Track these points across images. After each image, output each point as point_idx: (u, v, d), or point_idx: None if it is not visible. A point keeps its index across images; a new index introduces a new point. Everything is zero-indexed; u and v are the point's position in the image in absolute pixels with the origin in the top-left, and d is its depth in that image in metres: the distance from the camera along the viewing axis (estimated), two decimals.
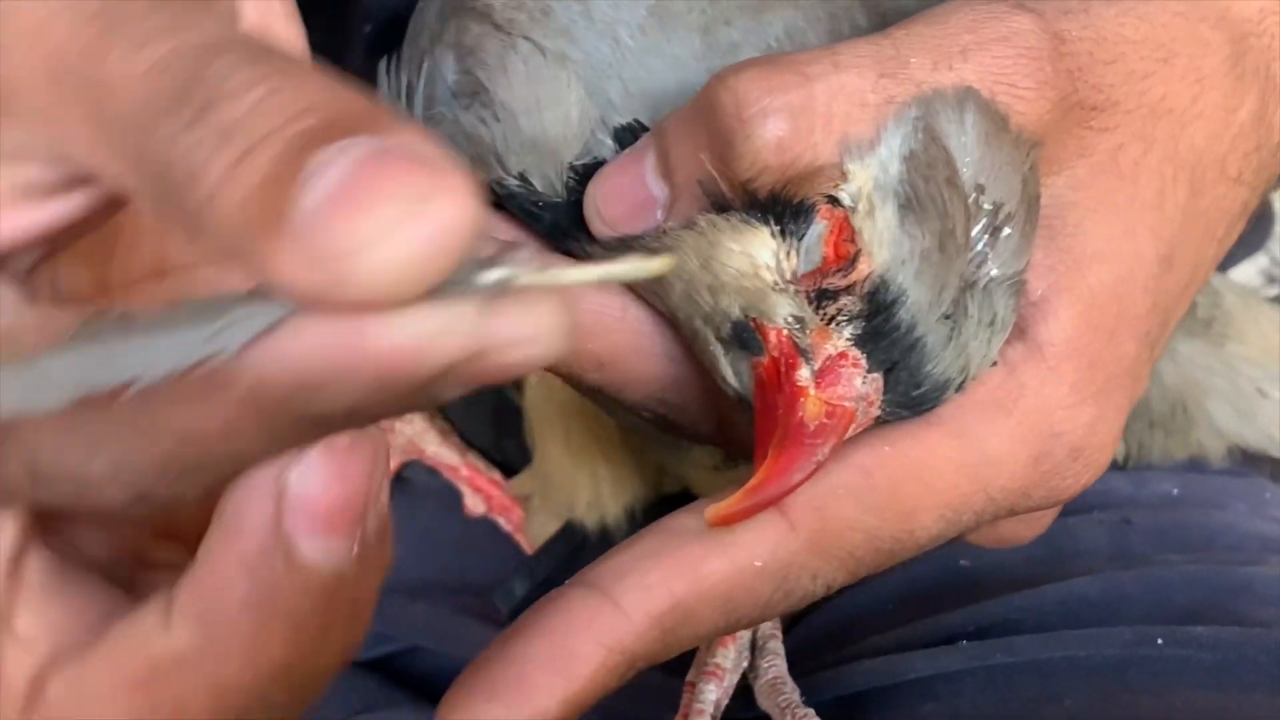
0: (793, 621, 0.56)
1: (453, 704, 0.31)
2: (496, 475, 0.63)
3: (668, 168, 0.35)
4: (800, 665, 0.50)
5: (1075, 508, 0.54)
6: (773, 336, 0.33)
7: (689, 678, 0.49)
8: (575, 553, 0.58)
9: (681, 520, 0.33)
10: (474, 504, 0.65)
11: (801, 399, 0.33)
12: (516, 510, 0.64)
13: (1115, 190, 0.36)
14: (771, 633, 0.50)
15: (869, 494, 0.33)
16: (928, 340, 0.33)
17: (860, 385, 0.33)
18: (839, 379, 0.33)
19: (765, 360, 0.33)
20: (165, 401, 0.22)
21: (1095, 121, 0.36)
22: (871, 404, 0.33)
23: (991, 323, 0.34)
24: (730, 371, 0.34)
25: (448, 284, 0.21)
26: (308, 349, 0.21)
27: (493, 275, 0.22)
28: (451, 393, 0.23)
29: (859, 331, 0.33)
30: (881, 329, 0.33)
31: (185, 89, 0.22)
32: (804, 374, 0.33)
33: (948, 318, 0.33)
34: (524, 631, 0.32)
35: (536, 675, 0.31)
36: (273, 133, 0.22)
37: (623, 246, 0.36)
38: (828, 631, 0.54)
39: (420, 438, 0.63)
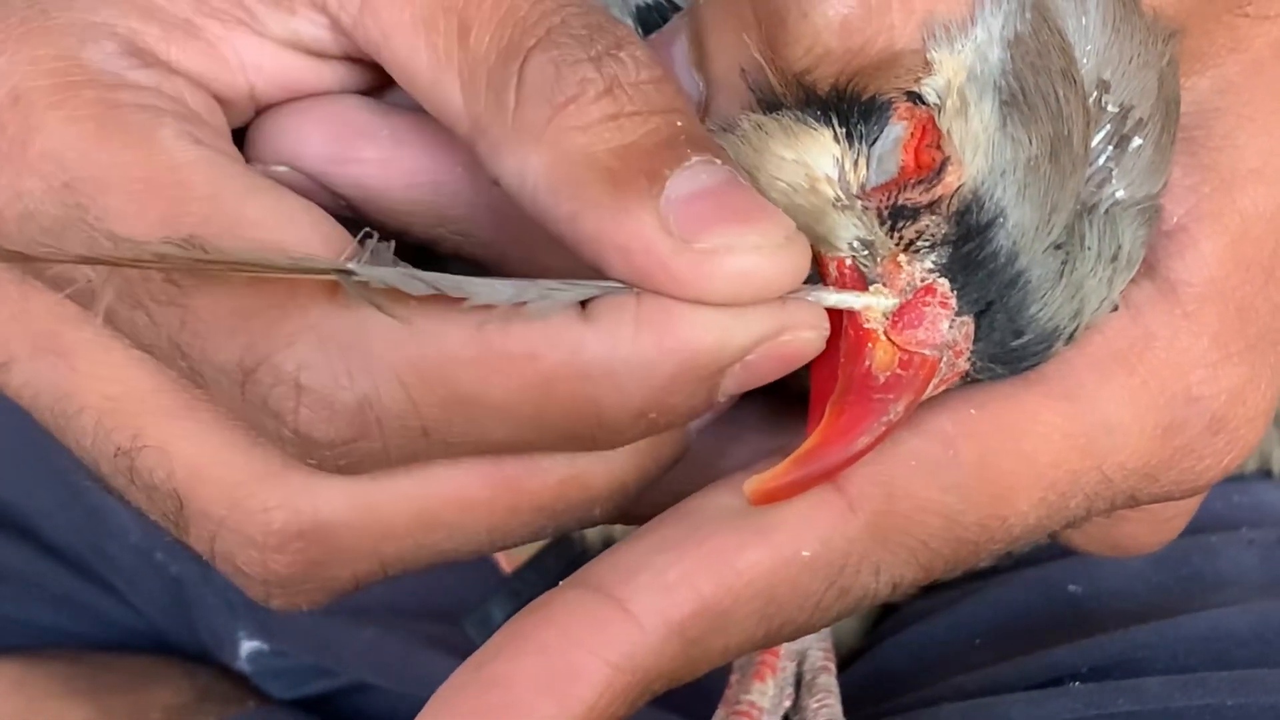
0: (851, 656, 0.56)
1: None
2: None
3: (703, 56, 0.35)
4: (860, 709, 0.50)
5: (1219, 524, 0.54)
6: (832, 268, 0.33)
7: None
8: (569, 569, 0.55)
9: (709, 500, 0.33)
10: None
11: (869, 344, 0.33)
12: None
13: (1276, 95, 0.36)
14: (823, 664, 0.50)
15: (950, 468, 0.33)
16: (1032, 275, 0.33)
17: (946, 329, 0.33)
18: (920, 319, 0.33)
19: None
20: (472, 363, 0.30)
21: (1252, 7, 0.36)
22: (959, 354, 0.33)
23: (1114, 257, 0.34)
24: None
25: None
26: (615, 336, 0.30)
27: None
28: (730, 388, 0.31)
29: (944, 260, 0.33)
30: (973, 258, 0.33)
31: (588, 32, 0.32)
32: (873, 313, 0.33)
33: (1058, 248, 0.33)
34: (508, 646, 0.32)
35: (525, 700, 0.31)
36: (654, 112, 0.31)
37: None
38: (898, 669, 0.54)
39: None
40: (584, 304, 0.31)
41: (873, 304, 0.33)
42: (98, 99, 0.32)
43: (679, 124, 0.32)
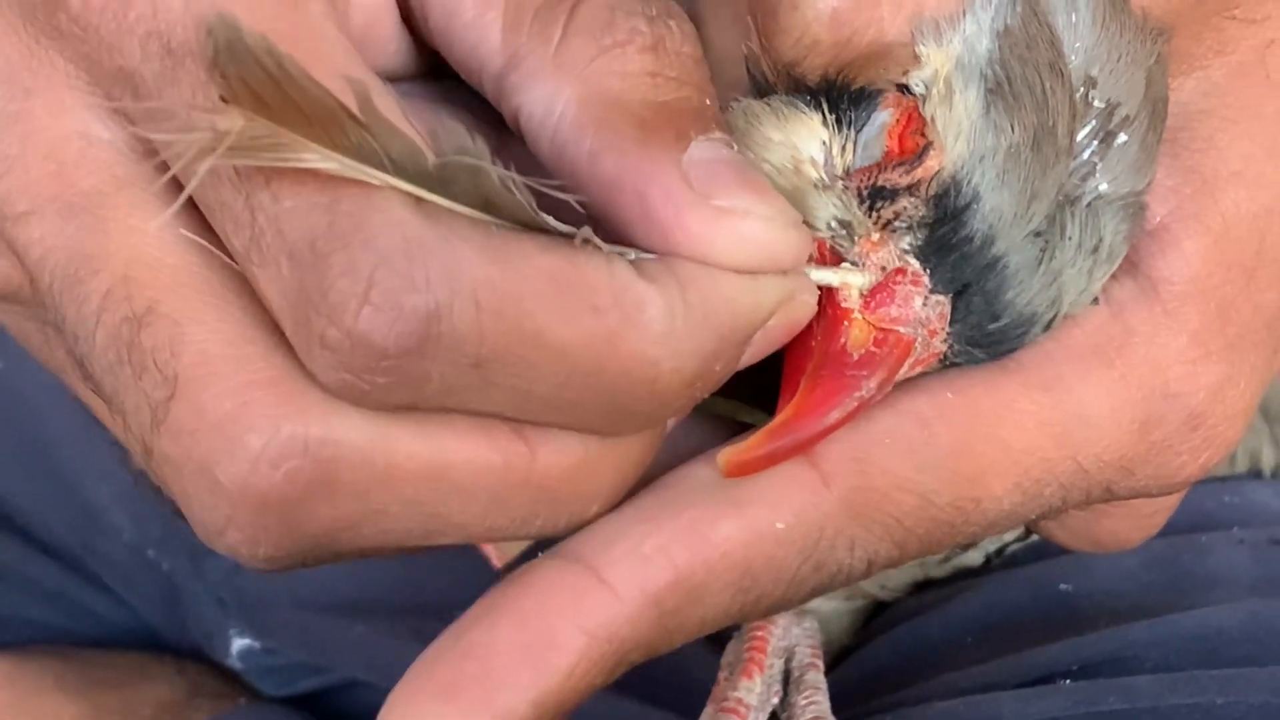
0: (842, 653, 0.57)
1: (395, 707, 0.31)
2: None
3: (701, 44, 0.35)
4: (850, 706, 0.50)
5: (1209, 523, 0.55)
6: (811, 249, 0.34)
7: (703, 718, 0.47)
8: None
9: (686, 473, 0.34)
10: None
11: (844, 322, 0.33)
12: None
13: (1261, 98, 0.36)
14: (811, 661, 0.50)
15: (926, 447, 0.34)
16: (1010, 260, 0.34)
17: (920, 307, 0.33)
18: (893, 297, 0.33)
19: None
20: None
21: (1240, 10, 0.36)
22: (934, 333, 0.34)
23: (1095, 249, 0.34)
24: None
25: None
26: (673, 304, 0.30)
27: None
28: (749, 357, 0.32)
29: (920, 242, 0.34)
30: (948, 241, 0.33)
31: None
32: (850, 294, 0.33)
33: (1038, 235, 0.34)
34: (484, 616, 0.32)
35: (501, 668, 0.31)
36: (689, 84, 0.32)
37: None
38: (888, 666, 0.54)
39: None
40: None
41: (849, 280, 0.33)
42: None
43: (707, 103, 0.32)
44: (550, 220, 0.30)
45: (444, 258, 0.28)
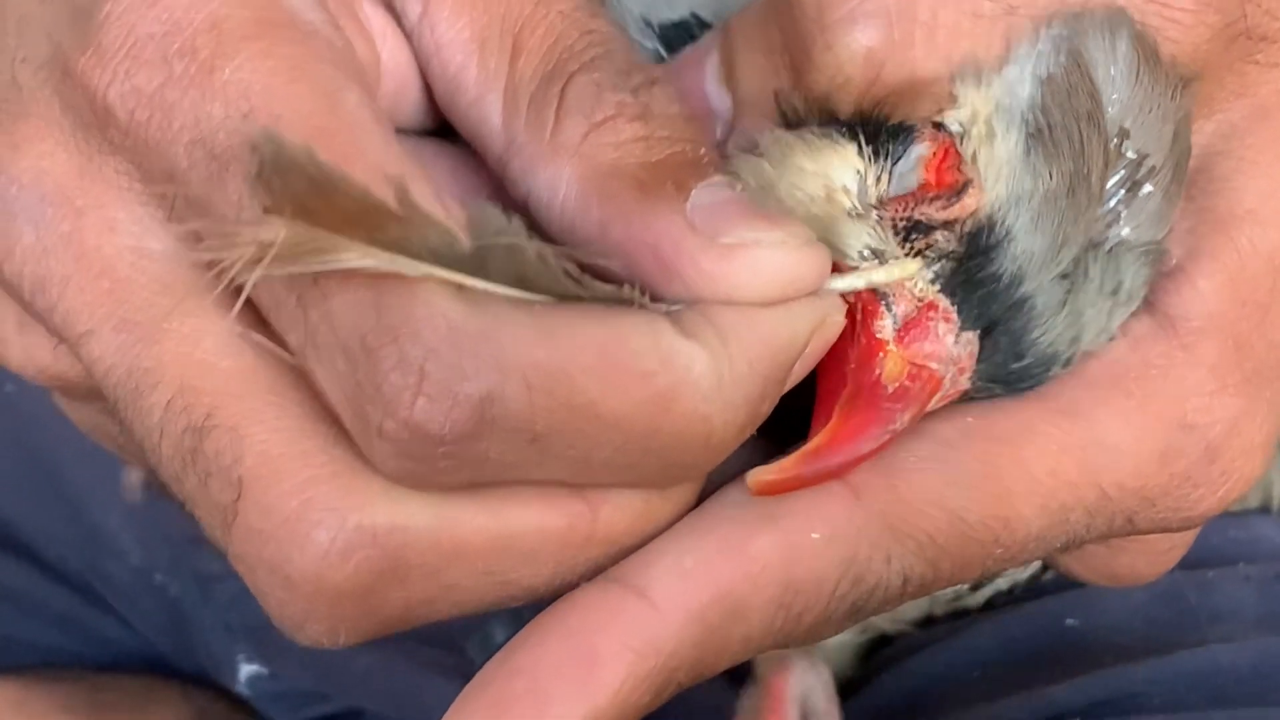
0: (846, 684, 0.57)
1: None
2: None
3: (732, 75, 0.36)
4: None
5: (1216, 558, 0.55)
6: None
7: None
8: None
9: (724, 494, 0.34)
10: None
11: (880, 354, 0.33)
12: None
13: (1278, 140, 0.36)
14: (826, 708, 0.51)
15: (953, 467, 0.34)
16: (1037, 301, 0.34)
17: (952, 344, 0.34)
18: (927, 333, 0.34)
19: None
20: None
21: (1263, 55, 0.36)
22: (962, 371, 0.34)
23: (1115, 292, 0.35)
24: None
25: None
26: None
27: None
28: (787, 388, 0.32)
29: (946, 273, 0.34)
30: (973, 276, 0.34)
31: (627, 66, 0.34)
32: (885, 324, 0.34)
33: (1064, 278, 0.34)
34: (531, 637, 0.32)
35: (549, 684, 0.31)
36: (681, 139, 0.33)
37: None
38: (899, 702, 0.55)
39: None
40: None
41: (873, 279, 0.33)
42: (294, 43, 0.31)
43: (702, 151, 0.33)
44: (594, 283, 0.30)
45: (490, 342, 0.29)
